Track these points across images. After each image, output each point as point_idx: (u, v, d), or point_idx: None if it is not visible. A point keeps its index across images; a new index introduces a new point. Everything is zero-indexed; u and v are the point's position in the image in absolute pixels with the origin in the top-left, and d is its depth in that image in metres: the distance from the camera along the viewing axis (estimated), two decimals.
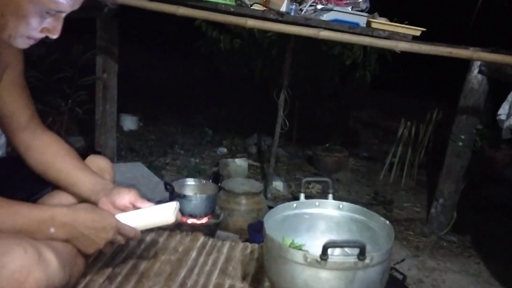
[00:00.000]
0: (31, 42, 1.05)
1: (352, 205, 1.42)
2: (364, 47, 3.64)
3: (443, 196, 2.98)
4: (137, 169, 3.02)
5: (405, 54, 2.42)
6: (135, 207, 1.26)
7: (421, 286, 2.45)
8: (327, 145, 3.95)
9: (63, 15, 1.05)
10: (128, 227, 1.19)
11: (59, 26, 1.05)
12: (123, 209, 1.25)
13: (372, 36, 2.35)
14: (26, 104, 1.28)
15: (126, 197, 1.25)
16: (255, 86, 4.12)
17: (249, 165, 3.63)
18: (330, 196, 1.46)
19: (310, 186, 3.38)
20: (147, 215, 1.23)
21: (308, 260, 1.14)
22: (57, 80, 2.97)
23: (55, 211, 1.11)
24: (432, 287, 2.45)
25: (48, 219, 1.09)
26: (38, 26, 1.02)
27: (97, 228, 1.14)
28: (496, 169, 3.29)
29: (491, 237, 2.97)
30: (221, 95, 5.11)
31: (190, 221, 2.41)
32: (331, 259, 1.12)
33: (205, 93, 5.27)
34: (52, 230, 1.09)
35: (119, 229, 1.17)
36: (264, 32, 3.57)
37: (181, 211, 1.36)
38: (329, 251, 1.13)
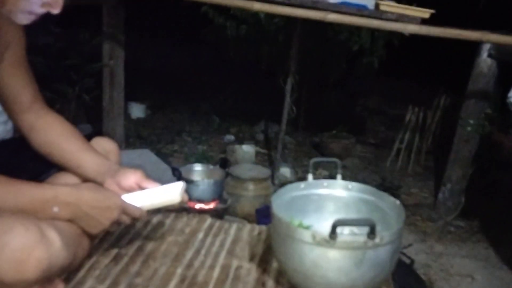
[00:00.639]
0: (33, 18, 1.03)
1: (362, 185, 1.40)
2: (372, 33, 3.60)
3: (451, 181, 2.96)
4: (145, 156, 3.02)
5: (412, 39, 2.39)
6: (141, 188, 1.25)
7: (429, 270, 2.44)
8: (334, 132, 3.93)
9: None
10: (133, 207, 1.18)
11: (60, 1, 1.03)
12: (129, 190, 1.23)
13: (380, 18, 2.32)
14: (29, 85, 1.26)
15: (132, 177, 1.24)
16: (262, 73, 4.09)
17: (256, 152, 3.62)
18: (339, 176, 1.44)
19: (317, 172, 3.37)
20: (153, 195, 1.22)
21: (317, 239, 1.12)
22: (64, 67, 2.97)
23: (59, 190, 1.10)
24: (440, 272, 2.44)
25: (51, 198, 1.07)
26: (39, 0, 1.00)
27: (101, 207, 1.12)
28: (505, 153, 3.24)
29: (499, 222, 2.95)
30: (228, 82, 5.08)
31: (198, 206, 2.41)
32: (340, 238, 1.11)
33: (212, 80, 5.25)
34: (55, 209, 1.07)
35: (124, 208, 1.16)
36: (270, 18, 3.54)
37: (189, 196, 1.35)
38: (338, 231, 1.11)
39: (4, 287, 0.96)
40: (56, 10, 1.02)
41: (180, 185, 1.25)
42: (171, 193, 1.22)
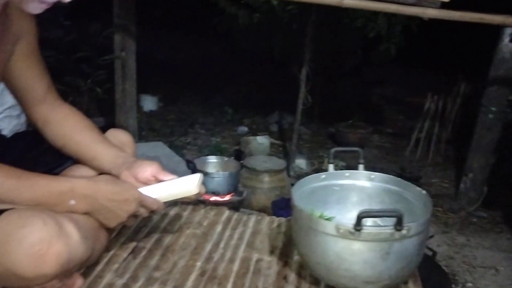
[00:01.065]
0: (44, 6, 1.00)
1: (385, 175, 1.36)
2: (389, 18, 3.51)
3: (473, 170, 2.89)
4: (158, 149, 3.00)
5: (431, 25, 2.33)
6: (158, 180, 1.22)
7: (452, 262, 2.38)
8: (350, 121, 3.87)
9: None
10: (151, 199, 1.15)
11: None
12: (146, 182, 1.21)
13: (398, 3, 2.25)
14: (42, 77, 1.24)
15: (148, 169, 1.21)
16: (275, 63, 4.04)
17: (271, 144, 3.58)
18: (361, 166, 1.39)
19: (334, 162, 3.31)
20: (170, 186, 1.19)
21: (341, 231, 1.08)
22: (76, 60, 2.95)
23: (75, 183, 1.07)
24: (463, 263, 2.38)
25: (68, 191, 1.05)
26: None
27: (119, 200, 1.10)
28: None
29: None
30: (240, 73, 5.04)
31: (213, 198, 2.38)
32: (365, 229, 1.06)
33: (224, 71, 5.21)
34: (72, 202, 1.05)
35: (142, 201, 1.13)
36: (284, 5, 3.47)
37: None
38: (362, 222, 1.06)
39: (23, 282, 0.95)
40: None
41: (197, 177, 1.21)
42: (188, 184, 1.19)
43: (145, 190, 1.16)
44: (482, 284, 2.24)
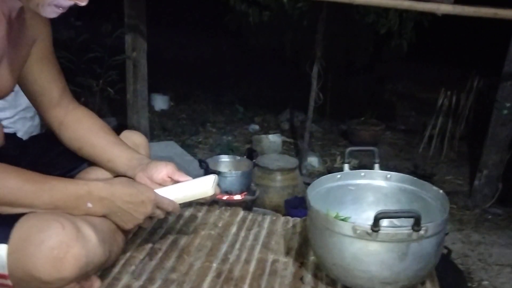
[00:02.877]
0: (60, 11, 1.00)
1: (401, 174, 1.35)
2: (400, 14, 3.48)
3: (487, 167, 2.86)
4: (171, 148, 3.01)
5: (443, 20, 2.30)
6: (173, 180, 1.22)
7: (467, 260, 2.36)
8: (362, 118, 3.85)
9: None
10: (167, 200, 1.15)
11: None
12: (161, 183, 1.21)
13: None
14: (57, 79, 1.24)
15: (164, 170, 1.22)
16: (286, 60, 4.02)
17: (283, 142, 3.57)
18: (377, 166, 1.39)
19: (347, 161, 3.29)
20: (186, 188, 1.19)
21: (358, 232, 1.07)
22: (88, 61, 2.96)
23: (92, 186, 1.08)
24: (478, 261, 2.36)
25: (85, 194, 1.06)
26: None
27: (135, 202, 1.10)
28: None
29: None
30: (251, 71, 5.03)
31: (226, 197, 2.37)
32: (382, 230, 1.05)
33: (235, 70, 5.20)
34: (89, 205, 1.06)
35: (158, 202, 1.13)
36: (294, 2, 3.45)
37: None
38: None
39: (42, 285, 0.95)
40: (83, 3, 1.00)
41: (212, 178, 1.21)
42: (203, 185, 1.19)
43: (161, 192, 1.17)
44: (498, 282, 2.21)
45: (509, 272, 2.29)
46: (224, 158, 2.61)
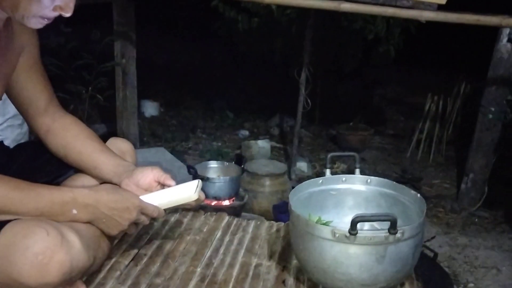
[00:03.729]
0: (45, 22, 1.03)
1: (381, 179, 1.38)
2: (387, 21, 3.53)
3: (474, 171, 2.89)
4: (160, 154, 3.01)
5: (429, 26, 2.33)
6: (160, 184, 1.24)
7: (453, 263, 2.39)
8: (351, 123, 3.88)
9: None
10: (152, 206, 1.17)
11: (71, 3, 1.02)
12: (148, 188, 1.23)
13: (395, 6, 2.27)
14: (44, 88, 1.26)
15: (150, 174, 1.24)
16: (275, 66, 4.05)
17: (272, 147, 3.59)
18: (357, 171, 1.42)
19: (335, 165, 3.32)
20: (170, 193, 1.21)
21: (337, 235, 1.10)
22: (77, 68, 2.97)
23: (77, 193, 1.10)
24: (465, 264, 2.39)
25: (70, 201, 1.08)
26: (51, 5, 0.99)
27: (120, 208, 1.12)
28: None
29: None
30: (241, 77, 5.05)
31: (214, 203, 2.39)
32: (360, 234, 1.08)
33: (225, 76, 5.22)
34: (74, 212, 1.08)
35: (142, 208, 1.15)
36: (283, 9, 3.49)
37: (205, 193, 1.34)
38: (358, 226, 1.08)
39: None
40: (68, 13, 1.02)
41: (195, 183, 1.24)
42: (187, 191, 1.21)
43: (145, 198, 1.19)
44: (483, 284, 2.24)
45: (495, 275, 2.32)
46: (213, 164, 2.63)
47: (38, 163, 1.31)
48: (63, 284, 1.01)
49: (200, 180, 1.26)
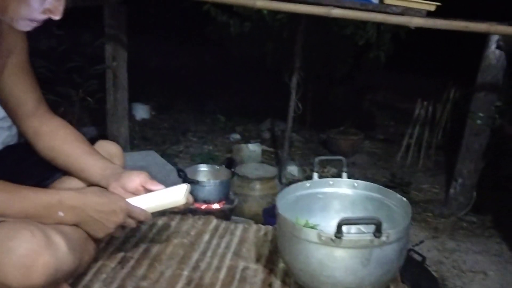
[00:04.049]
0: (34, 25, 1.03)
1: (368, 183, 1.38)
2: (378, 26, 3.56)
3: (462, 176, 2.91)
4: (150, 157, 3.01)
5: (419, 32, 2.35)
6: (146, 189, 1.24)
7: (441, 267, 2.40)
8: (341, 128, 3.90)
9: None
10: (139, 209, 1.17)
11: (61, 7, 1.02)
12: (134, 192, 1.23)
13: (385, 12, 2.29)
14: (32, 90, 1.26)
15: (136, 179, 1.23)
16: (267, 71, 4.06)
17: (263, 151, 3.60)
18: (345, 174, 1.42)
19: (325, 170, 3.34)
20: (157, 197, 1.21)
21: (323, 238, 1.10)
22: (68, 70, 2.97)
23: (63, 195, 1.09)
24: (453, 268, 2.40)
25: (56, 203, 1.07)
26: (40, 7, 0.99)
27: (106, 211, 1.12)
28: None
29: None
30: (232, 81, 5.06)
31: (204, 207, 2.39)
32: (346, 237, 1.09)
33: (217, 79, 5.23)
34: (60, 214, 1.07)
35: (129, 212, 1.15)
36: (274, 14, 3.51)
37: (195, 197, 1.33)
38: (345, 230, 1.09)
39: None
40: (57, 16, 1.01)
41: (184, 187, 1.23)
42: (175, 195, 1.21)
43: (133, 201, 1.18)
44: None
45: (482, 279, 2.34)
46: (203, 167, 2.63)
47: (26, 166, 1.30)
48: (48, 287, 1.00)
49: (188, 185, 1.25)
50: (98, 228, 1.13)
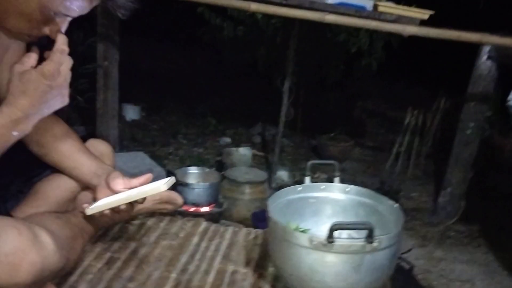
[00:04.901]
0: (29, 39, 1.01)
1: (360, 188, 1.38)
2: (370, 34, 3.58)
3: (451, 185, 2.92)
4: (139, 159, 2.98)
5: (411, 41, 2.37)
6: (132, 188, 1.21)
7: (429, 276, 2.40)
8: (332, 134, 3.90)
9: (69, 19, 1.00)
10: None
11: (62, 30, 1.00)
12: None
13: (378, 19, 2.30)
14: None
15: (121, 181, 1.20)
16: (259, 75, 4.06)
17: (253, 155, 3.59)
18: (337, 179, 1.41)
19: (315, 175, 3.33)
20: (142, 187, 1.18)
21: (314, 243, 1.09)
22: None
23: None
24: (440, 277, 2.40)
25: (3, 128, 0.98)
26: (40, 27, 0.98)
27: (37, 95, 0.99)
28: (505, 157, 3.22)
29: (500, 227, 2.91)
30: (224, 84, 5.05)
31: (193, 209, 2.37)
32: (337, 242, 1.08)
33: (208, 82, 5.22)
34: (15, 133, 1.00)
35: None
36: (268, 19, 3.51)
37: (184, 199, 1.31)
38: (336, 235, 1.08)
39: None
40: (54, 38, 0.99)
41: (168, 178, 1.20)
42: (157, 183, 1.17)
43: (118, 196, 1.15)
44: None
45: None
46: (193, 170, 2.62)
47: (15, 162, 1.28)
48: (33, 286, 0.98)
49: (173, 177, 1.22)
50: (52, 101, 1.02)
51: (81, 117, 3.47)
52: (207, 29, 3.96)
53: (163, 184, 1.15)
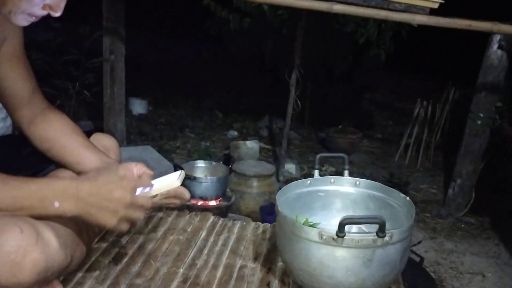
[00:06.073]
0: (32, 19, 0.99)
1: (370, 181, 1.35)
2: (379, 24, 3.53)
3: (461, 176, 2.90)
4: (147, 153, 2.97)
5: (420, 31, 2.33)
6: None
7: (439, 268, 2.38)
8: (340, 126, 3.87)
9: None
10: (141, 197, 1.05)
11: (62, 4, 0.98)
12: None
13: (387, 9, 2.26)
14: (27, 79, 1.22)
15: (133, 169, 1.19)
16: (266, 67, 4.03)
17: (261, 148, 3.57)
18: (346, 172, 1.39)
19: (323, 168, 3.31)
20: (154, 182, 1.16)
21: (324, 237, 1.07)
22: (64, 63, 2.93)
23: (56, 184, 1.01)
24: (450, 269, 2.38)
25: (50, 193, 0.98)
26: (41, 2, 0.96)
27: (103, 193, 1.00)
28: None
29: (511, 218, 2.88)
30: (231, 77, 5.03)
31: (201, 203, 2.36)
32: (348, 236, 1.06)
33: (215, 75, 5.20)
34: (56, 204, 0.98)
35: (135, 185, 1.04)
36: (275, 10, 3.47)
37: (192, 193, 1.29)
38: (346, 229, 1.06)
39: None
40: (57, 13, 0.98)
41: (178, 172, 1.19)
42: (170, 178, 1.16)
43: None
44: None
45: (480, 280, 2.32)
46: (200, 164, 2.61)
47: (19, 157, 1.27)
48: (38, 284, 0.96)
49: (182, 170, 1.21)
50: (103, 215, 1.00)
51: (88, 111, 3.48)
52: (213, 22, 3.93)
53: (176, 180, 1.14)
